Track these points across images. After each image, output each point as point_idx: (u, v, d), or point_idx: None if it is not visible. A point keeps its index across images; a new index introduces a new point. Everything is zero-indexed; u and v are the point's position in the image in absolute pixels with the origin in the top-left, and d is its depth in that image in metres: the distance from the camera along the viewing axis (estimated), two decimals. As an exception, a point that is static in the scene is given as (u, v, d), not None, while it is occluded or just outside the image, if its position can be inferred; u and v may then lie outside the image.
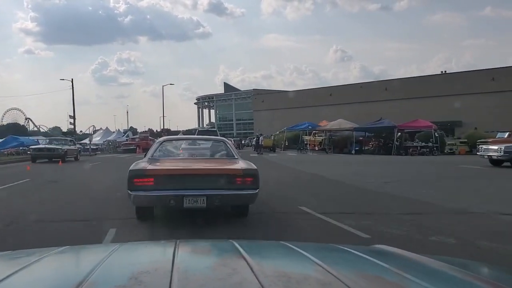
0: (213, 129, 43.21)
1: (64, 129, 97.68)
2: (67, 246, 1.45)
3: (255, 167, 6.07)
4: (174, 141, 8.17)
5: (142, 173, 5.72)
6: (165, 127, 51.45)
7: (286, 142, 37.74)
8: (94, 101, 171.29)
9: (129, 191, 5.64)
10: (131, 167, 5.91)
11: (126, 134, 53.77)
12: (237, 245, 1.31)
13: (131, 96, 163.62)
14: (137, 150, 37.82)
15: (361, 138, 32.81)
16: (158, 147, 7.18)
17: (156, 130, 51.31)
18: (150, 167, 5.94)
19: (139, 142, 44.00)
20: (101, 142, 48.10)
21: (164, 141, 7.70)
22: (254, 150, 35.66)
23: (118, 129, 63.37)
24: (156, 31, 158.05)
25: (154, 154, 6.84)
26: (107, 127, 64.52)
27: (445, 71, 54.86)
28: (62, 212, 7.37)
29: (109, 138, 51.82)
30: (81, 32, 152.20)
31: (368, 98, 52.19)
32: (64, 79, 45.24)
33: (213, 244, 1.61)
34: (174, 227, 5.89)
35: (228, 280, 1.02)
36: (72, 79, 45.30)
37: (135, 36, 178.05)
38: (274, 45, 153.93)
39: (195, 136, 17.21)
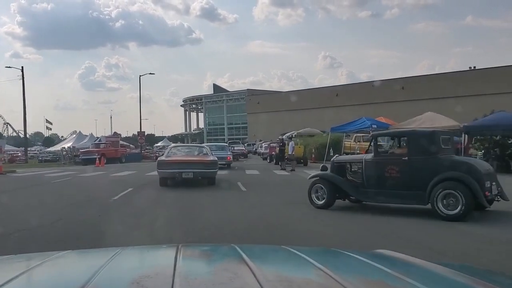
0: (237, 140, 57.94)
1: (45, 135, 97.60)
2: (69, 250, 1.59)
3: (216, 158, 14.96)
4: (178, 147, 17.64)
5: (163, 161, 14.44)
6: (142, 130, 49.71)
7: (331, 150, 25.58)
8: (81, 107, 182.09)
9: (157, 169, 14.15)
10: (159, 158, 16.26)
11: (98, 139, 50.85)
12: (238, 249, 1.44)
13: (118, 101, 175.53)
14: (98, 161, 29.67)
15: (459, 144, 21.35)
16: (170, 150, 16.32)
17: (142, 137, 48.85)
18: (167, 158, 14.60)
19: (104, 149, 35.80)
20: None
21: (173, 147, 17.56)
22: (269, 161, 30.13)
23: (91, 133, 61.94)
24: (146, 36, 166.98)
25: (169, 153, 15.53)
26: (79, 131, 63.25)
27: (475, 67, 54.24)
28: None
29: (83, 143, 49.23)
30: (70, 36, 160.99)
31: (381, 98, 51.90)
32: (11, 66, 41.54)
33: (214, 248, 1.81)
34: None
35: (230, 284, 1.13)
36: (22, 67, 40.75)
37: (124, 41, 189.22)
38: (263, 51, 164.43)
39: (190, 144, 34.78)
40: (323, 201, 9.52)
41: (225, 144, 30.41)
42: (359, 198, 9.46)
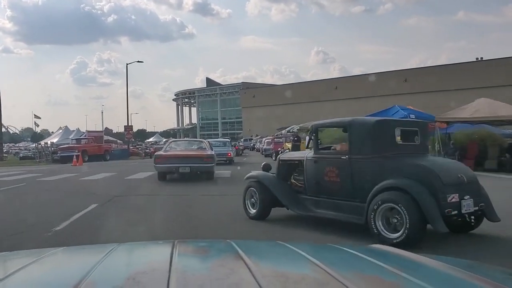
0: (227, 138, 56.94)
1: (34, 130, 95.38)
2: (65, 247, 1.60)
3: (213, 153, 15.59)
4: (177, 141, 19.98)
5: (160, 155, 15.10)
6: (130, 125, 47.85)
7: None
8: (73, 102, 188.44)
9: (154, 164, 14.87)
10: (157, 153, 16.76)
11: (84, 134, 48.43)
12: (235, 245, 1.44)
13: (110, 97, 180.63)
14: (76, 159, 26.46)
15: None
16: (168, 144, 17.25)
17: (130, 132, 47.09)
18: (164, 153, 15.29)
19: (85, 145, 32.99)
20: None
21: (172, 141, 18.91)
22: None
23: (78, 128, 60.09)
24: (138, 31, 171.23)
25: (167, 147, 16.32)
26: (66, 126, 61.73)
27: (482, 58, 52.54)
28: None
29: (69, 138, 47.26)
30: (61, 31, 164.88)
31: (382, 91, 50.69)
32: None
33: (211, 244, 1.79)
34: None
35: (226, 280, 1.14)
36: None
37: (116, 36, 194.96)
38: (255, 47, 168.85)
39: (188, 139, 36.38)
40: (256, 209, 7.65)
41: (227, 139, 30.54)
42: (293, 209, 7.23)
